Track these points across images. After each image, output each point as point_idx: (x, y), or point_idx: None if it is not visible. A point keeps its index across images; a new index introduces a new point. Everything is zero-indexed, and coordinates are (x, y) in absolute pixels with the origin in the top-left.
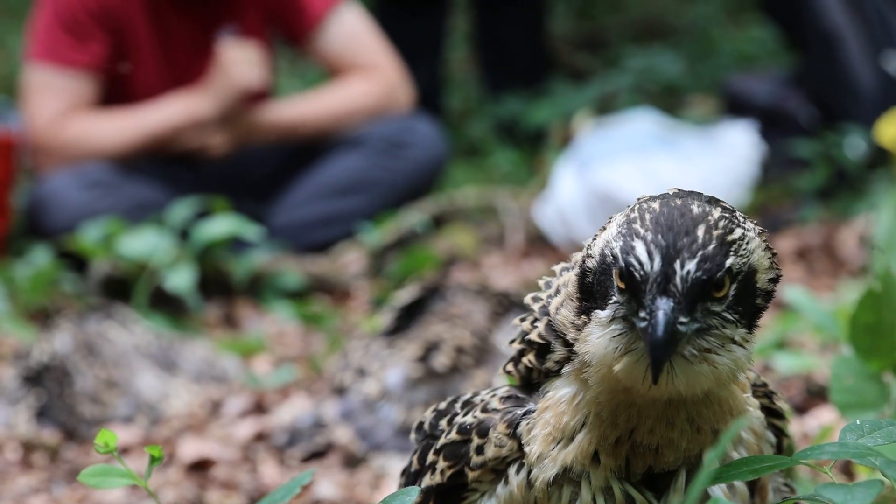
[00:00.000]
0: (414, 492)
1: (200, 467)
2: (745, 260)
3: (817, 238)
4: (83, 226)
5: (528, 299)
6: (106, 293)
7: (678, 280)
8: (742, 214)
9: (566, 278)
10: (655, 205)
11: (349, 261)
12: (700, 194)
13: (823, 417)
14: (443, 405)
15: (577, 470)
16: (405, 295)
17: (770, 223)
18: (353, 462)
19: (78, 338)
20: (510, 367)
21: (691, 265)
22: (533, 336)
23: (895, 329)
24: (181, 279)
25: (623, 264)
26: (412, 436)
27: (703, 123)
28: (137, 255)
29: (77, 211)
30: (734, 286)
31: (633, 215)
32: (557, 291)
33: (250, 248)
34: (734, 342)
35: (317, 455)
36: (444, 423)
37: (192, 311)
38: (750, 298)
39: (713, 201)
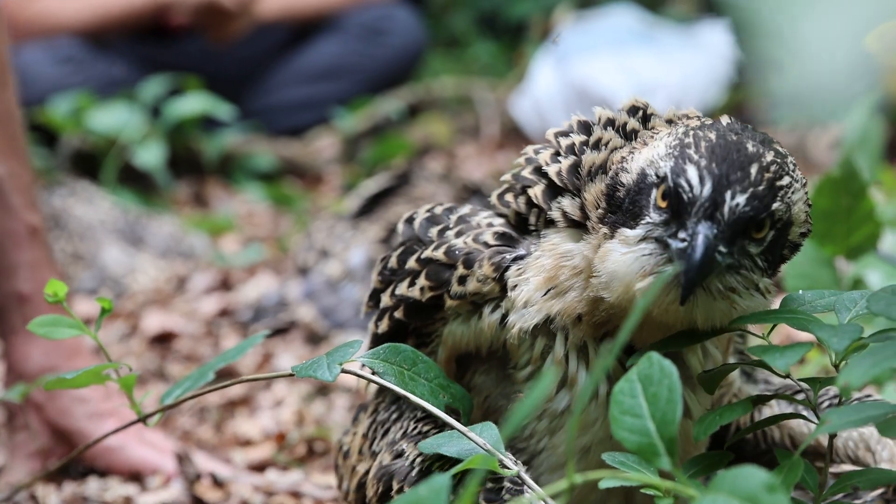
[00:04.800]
0: (357, 344)
1: (163, 340)
2: (787, 208)
3: (790, 140)
4: (54, 100)
5: (549, 134)
6: (75, 168)
7: (726, 209)
8: (793, 161)
9: (615, 141)
10: (712, 135)
11: (322, 145)
12: (755, 132)
13: None
14: (438, 209)
15: (559, 323)
16: (373, 184)
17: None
18: (315, 339)
19: (44, 211)
20: (509, 198)
21: (741, 199)
22: (551, 171)
23: (851, 215)
24: (151, 155)
25: (672, 184)
26: (399, 226)
27: (683, 21)
28: (107, 129)
29: (48, 85)
30: (772, 233)
31: (686, 140)
32: (598, 146)
33: (222, 128)
34: (758, 289)
35: (280, 331)
36: (434, 231)
37: (161, 189)
38: (780, 249)
39: (767, 142)
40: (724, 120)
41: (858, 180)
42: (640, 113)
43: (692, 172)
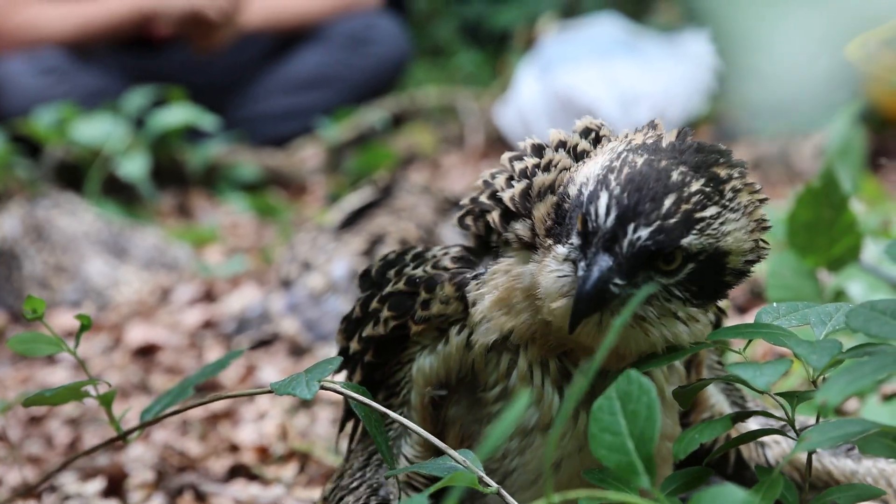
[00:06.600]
0: (336, 361)
1: (146, 352)
2: (710, 241)
3: (773, 148)
4: (37, 111)
5: (504, 158)
6: (59, 179)
7: (626, 242)
8: (736, 187)
9: (564, 162)
10: (639, 160)
11: (307, 155)
12: (698, 152)
13: None
14: (392, 255)
15: (515, 340)
16: (356, 198)
17: (726, 133)
18: (298, 351)
19: (27, 222)
20: (469, 221)
21: (644, 232)
22: (505, 197)
23: (832, 226)
24: (134, 167)
25: (584, 210)
26: (356, 282)
27: (667, 30)
28: (91, 141)
29: (31, 96)
30: (691, 265)
31: (613, 164)
32: (548, 168)
33: (207, 139)
34: (677, 318)
35: (263, 343)
36: (391, 273)
37: (145, 200)
38: (715, 277)
39: (704, 167)
40: (670, 137)
41: (839, 192)
42: (593, 135)
43: (602, 201)
